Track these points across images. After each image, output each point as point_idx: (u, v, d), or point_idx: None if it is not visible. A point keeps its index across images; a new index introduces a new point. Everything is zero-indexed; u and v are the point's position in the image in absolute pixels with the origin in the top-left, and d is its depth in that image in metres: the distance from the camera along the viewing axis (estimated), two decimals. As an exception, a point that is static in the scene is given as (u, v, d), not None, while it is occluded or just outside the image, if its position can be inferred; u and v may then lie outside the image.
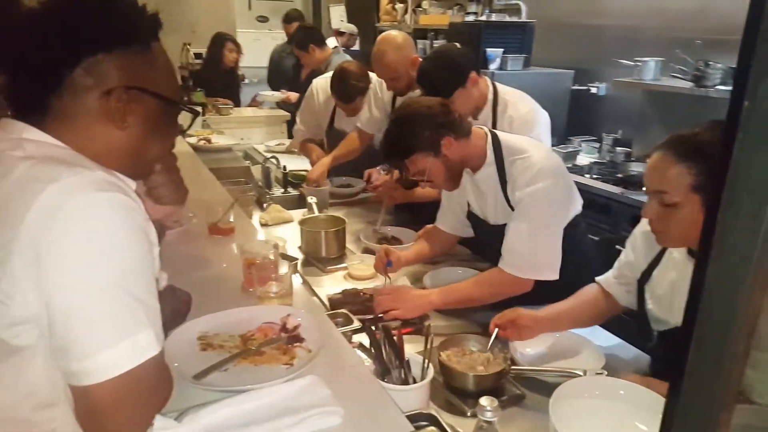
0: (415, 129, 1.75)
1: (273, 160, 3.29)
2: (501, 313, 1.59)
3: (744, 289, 0.45)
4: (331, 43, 4.49)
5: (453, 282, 1.86)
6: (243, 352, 1.13)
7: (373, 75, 2.91)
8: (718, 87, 2.90)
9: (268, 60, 5.74)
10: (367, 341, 1.43)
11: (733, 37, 2.87)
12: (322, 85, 3.29)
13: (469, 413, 1.35)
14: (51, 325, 0.77)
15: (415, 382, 1.32)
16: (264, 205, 2.79)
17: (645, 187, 1.34)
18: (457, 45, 2.45)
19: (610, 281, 1.64)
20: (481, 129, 1.87)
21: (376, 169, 2.91)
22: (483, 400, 1.05)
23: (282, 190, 3.17)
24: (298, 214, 2.63)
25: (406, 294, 1.78)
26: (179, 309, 1.22)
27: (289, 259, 1.93)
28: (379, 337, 1.36)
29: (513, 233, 1.74)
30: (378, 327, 1.39)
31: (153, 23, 0.93)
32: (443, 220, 2.16)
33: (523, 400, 1.42)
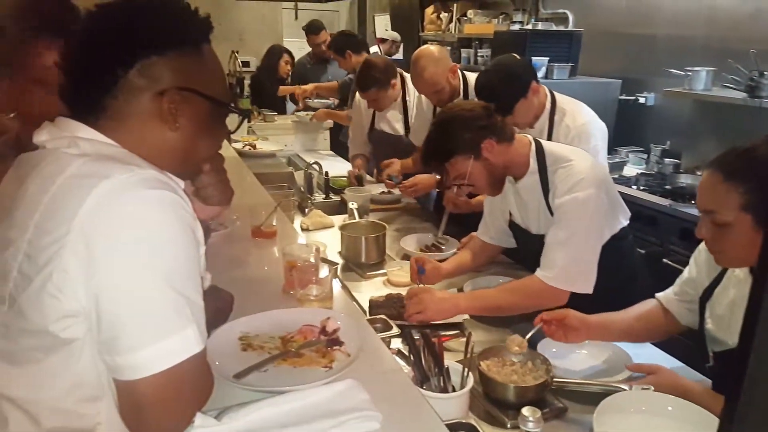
0: (455, 131, 1.73)
1: (315, 167, 3.32)
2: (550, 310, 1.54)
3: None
4: (373, 51, 4.51)
5: (493, 291, 1.83)
6: (283, 353, 1.14)
7: (412, 87, 3.01)
8: (773, 98, 2.79)
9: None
10: (405, 348, 1.41)
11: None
12: None
13: (509, 424, 1.32)
14: (99, 319, 0.79)
15: (454, 391, 1.30)
16: (305, 210, 2.82)
17: (697, 206, 1.30)
18: (516, 55, 2.40)
19: (669, 298, 1.57)
20: (526, 137, 1.84)
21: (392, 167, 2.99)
22: (525, 411, 1.03)
23: (323, 195, 3.20)
24: (339, 220, 2.66)
25: (432, 297, 1.72)
26: (222, 309, 1.23)
27: (329, 263, 1.93)
28: (419, 343, 1.34)
29: (550, 240, 1.71)
30: (418, 334, 1.37)
31: (204, 26, 0.95)
32: (485, 231, 2.13)
33: (565, 413, 1.38)
